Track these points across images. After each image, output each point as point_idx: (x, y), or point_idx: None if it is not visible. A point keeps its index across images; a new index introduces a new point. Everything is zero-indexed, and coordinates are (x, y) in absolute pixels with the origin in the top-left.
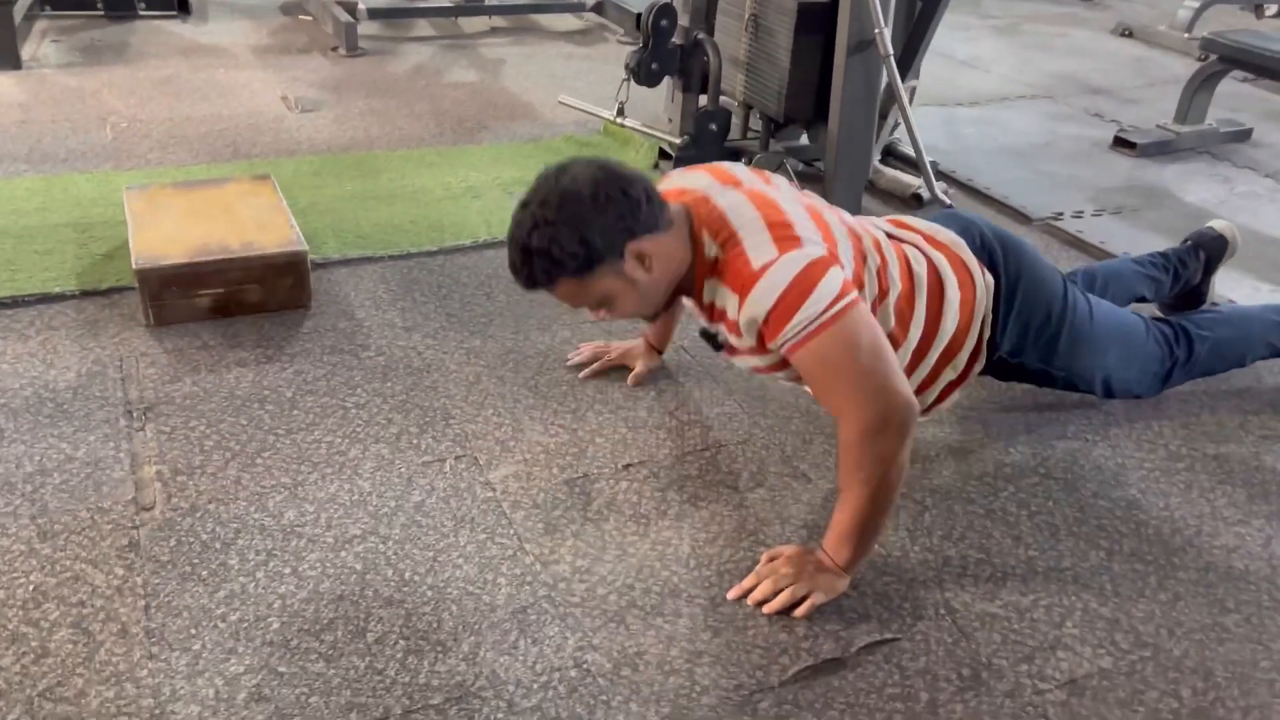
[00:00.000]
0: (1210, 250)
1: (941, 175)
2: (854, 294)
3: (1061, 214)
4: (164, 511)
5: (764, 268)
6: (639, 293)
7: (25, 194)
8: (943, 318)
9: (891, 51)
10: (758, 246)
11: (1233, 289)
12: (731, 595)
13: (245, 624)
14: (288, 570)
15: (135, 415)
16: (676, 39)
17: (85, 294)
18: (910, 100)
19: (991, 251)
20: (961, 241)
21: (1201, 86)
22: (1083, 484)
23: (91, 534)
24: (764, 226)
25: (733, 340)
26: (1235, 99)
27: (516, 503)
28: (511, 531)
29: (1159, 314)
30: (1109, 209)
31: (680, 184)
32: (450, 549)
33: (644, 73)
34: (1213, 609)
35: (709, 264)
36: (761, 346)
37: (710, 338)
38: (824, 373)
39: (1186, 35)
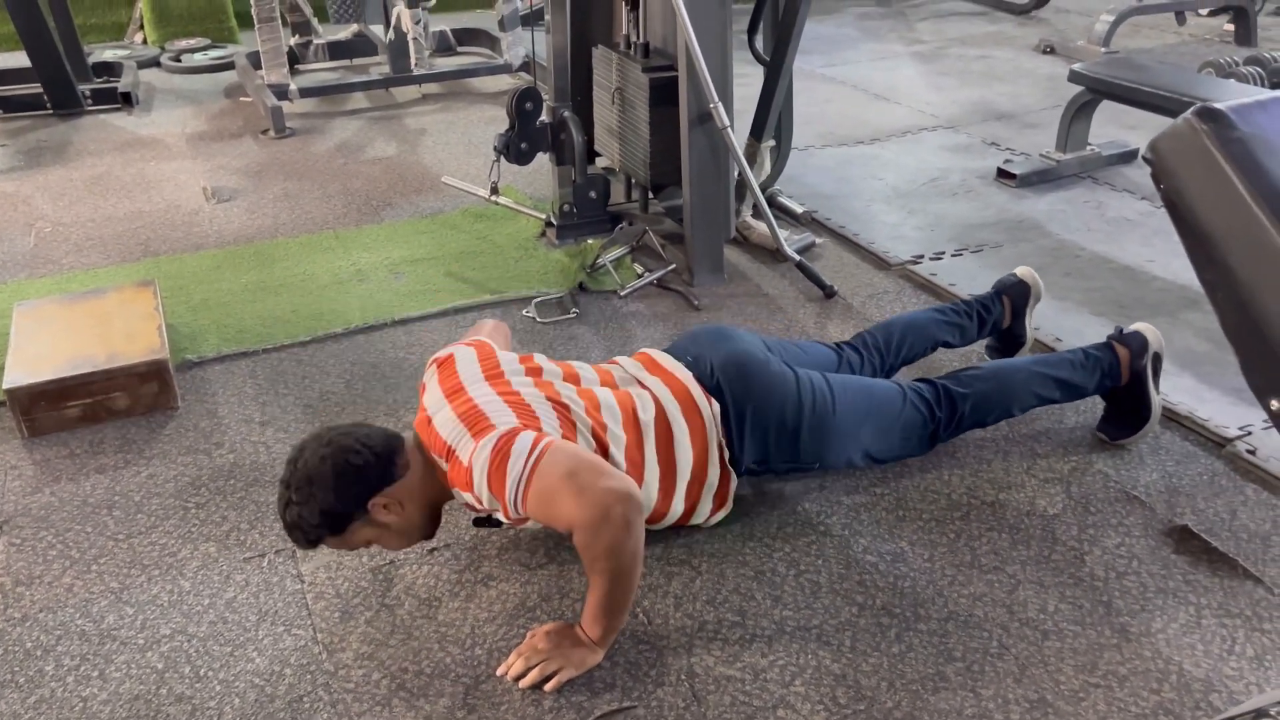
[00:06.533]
0: (1012, 295)
1: (815, 222)
2: (546, 440)
3: (921, 257)
4: None
5: (470, 460)
6: (398, 530)
7: None
8: (676, 456)
9: (729, 124)
10: (464, 447)
11: (1065, 321)
12: (499, 672)
13: None
14: (95, 674)
15: None
16: (545, 117)
17: None
18: (772, 157)
19: (719, 379)
20: (689, 375)
21: (1078, 114)
22: (857, 539)
23: None
24: (465, 430)
25: (501, 519)
26: (1135, 114)
27: (321, 594)
28: (309, 622)
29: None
30: (971, 247)
31: (423, 402)
32: (248, 643)
33: (514, 152)
34: (939, 659)
35: (446, 476)
36: (514, 517)
37: (484, 523)
38: (545, 507)
39: (1104, 50)
